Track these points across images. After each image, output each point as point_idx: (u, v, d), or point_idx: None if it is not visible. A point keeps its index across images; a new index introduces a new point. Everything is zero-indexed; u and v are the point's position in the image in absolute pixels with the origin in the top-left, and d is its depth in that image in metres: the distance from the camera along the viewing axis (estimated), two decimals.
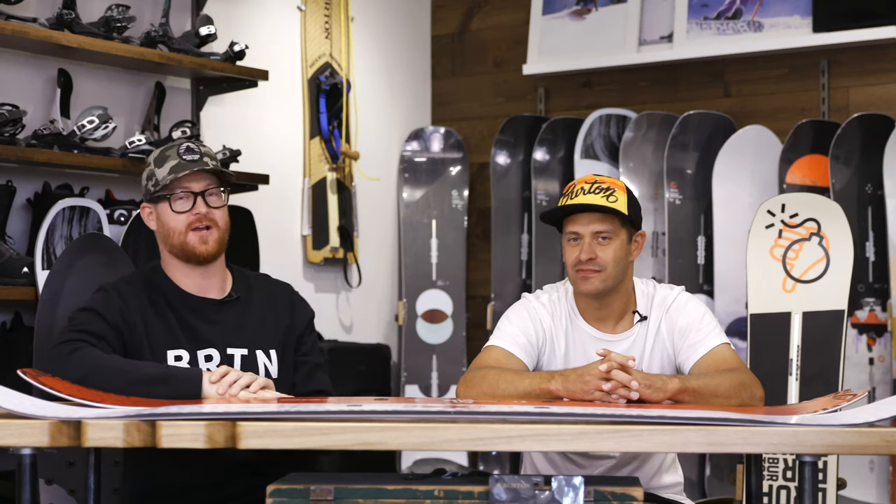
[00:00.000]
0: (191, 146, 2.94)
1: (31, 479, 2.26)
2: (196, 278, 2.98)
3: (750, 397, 2.80)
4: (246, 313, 3.00)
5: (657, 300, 3.02)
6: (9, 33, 3.65)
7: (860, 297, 4.59)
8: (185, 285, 2.98)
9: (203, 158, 2.94)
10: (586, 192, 2.93)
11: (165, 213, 2.95)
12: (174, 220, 2.93)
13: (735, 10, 4.94)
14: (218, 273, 3.01)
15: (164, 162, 2.93)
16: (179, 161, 2.92)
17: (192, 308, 2.95)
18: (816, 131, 4.72)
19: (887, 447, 2.23)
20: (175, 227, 2.93)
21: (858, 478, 4.49)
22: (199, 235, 2.93)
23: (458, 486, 2.24)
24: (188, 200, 2.93)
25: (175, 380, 2.71)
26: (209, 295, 2.99)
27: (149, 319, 2.91)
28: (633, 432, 2.23)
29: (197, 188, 2.93)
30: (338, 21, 5.13)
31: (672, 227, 4.90)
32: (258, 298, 3.04)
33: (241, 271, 3.10)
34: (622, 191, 2.95)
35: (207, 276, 2.99)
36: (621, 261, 2.94)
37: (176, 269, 2.98)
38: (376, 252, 5.33)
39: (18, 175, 3.81)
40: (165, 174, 2.92)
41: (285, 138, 4.91)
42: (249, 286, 3.06)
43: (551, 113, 5.37)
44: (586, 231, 2.93)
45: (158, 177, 2.93)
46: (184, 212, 2.92)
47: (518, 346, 2.96)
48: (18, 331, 3.73)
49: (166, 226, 2.95)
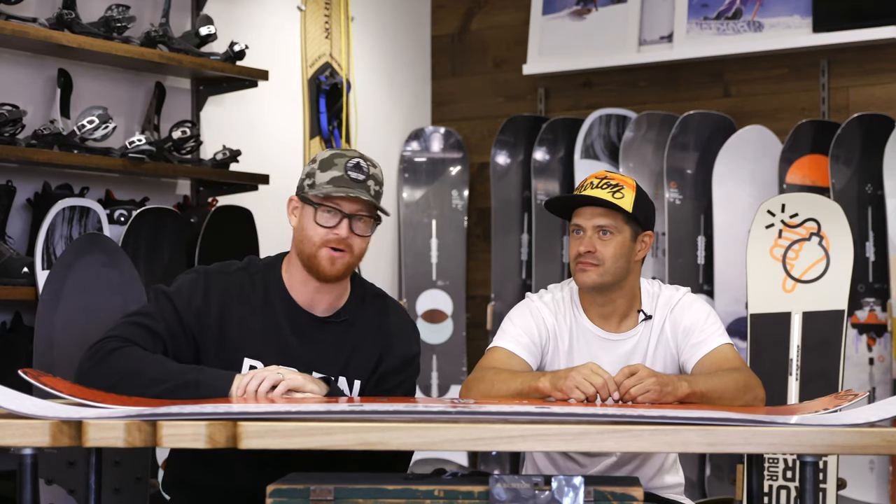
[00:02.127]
0: (360, 164, 2.81)
1: (32, 479, 2.26)
2: (310, 290, 2.86)
3: (753, 398, 2.82)
4: (345, 337, 2.88)
5: (662, 300, 3.02)
6: (9, 33, 3.65)
7: (860, 297, 4.59)
8: (296, 293, 2.86)
9: (367, 182, 2.80)
10: (594, 186, 2.95)
11: (308, 218, 2.81)
12: (314, 230, 2.80)
13: (735, 10, 4.95)
14: (334, 291, 2.88)
15: (330, 168, 2.80)
16: (344, 175, 2.79)
17: (292, 320, 2.85)
18: (816, 131, 4.72)
19: (887, 447, 2.23)
20: (311, 237, 2.80)
21: (858, 478, 4.50)
22: (330, 256, 2.80)
23: (458, 486, 2.24)
24: (335, 217, 2.79)
25: (206, 387, 2.65)
26: (316, 310, 2.87)
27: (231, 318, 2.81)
28: (634, 432, 2.23)
29: (348, 209, 2.79)
30: (338, 21, 5.13)
31: (672, 227, 4.90)
32: (364, 321, 2.92)
33: (361, 287, 2.97)
34: (631, 189, 2.95)
35: (322, 292, 2.87)
36: (621, 258, 2.94)
37: (295, 272, 2.86)
38: (376, 252, 5.33)
39: (18, 175, 3.81)
40: (325, 182, 2.79)
41: (285, 138, 4.91)
42: (363, 305, 2.93)
43: (551, 113, 5.37)
44: (588, 224, 2.94)
45: (317, 180, 2.80)
46: (326, 227, 2.80)
47: (521, 346, 2.96)
48: (18, 331, 3.73)
49: (304, 231, 2.82)
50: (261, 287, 2.86)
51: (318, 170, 2.81)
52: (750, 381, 2.85)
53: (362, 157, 2.84)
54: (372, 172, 2.82)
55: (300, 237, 2.84)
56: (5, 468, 3.25)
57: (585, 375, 2.67)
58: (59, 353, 3.19)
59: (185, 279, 2.86)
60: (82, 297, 3.25)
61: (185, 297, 2.81)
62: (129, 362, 2.69)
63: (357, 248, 2.83)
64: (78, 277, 3.27)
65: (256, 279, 2.87)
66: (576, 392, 2.66)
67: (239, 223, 4.32)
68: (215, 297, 2.82)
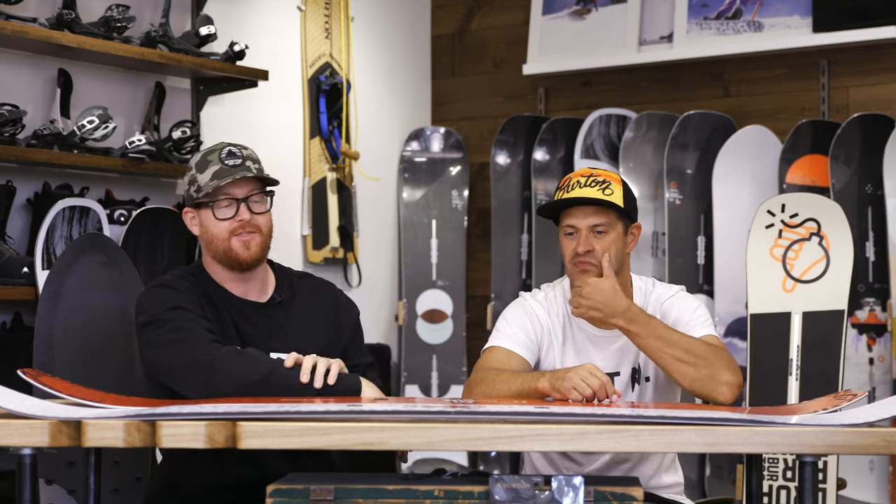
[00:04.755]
0: (232, 150, 2.91)
1: (31, 479, 2.26)
2: (238, 281, 2.96)
3: (710, 376, 2.78)
4: (288, 317, 2.98)
5: (654, 297, 3.03)
6: (9, 33, 3.65)
7: (860, 297, 4.59)
8: (229, 287, 2.96)
9: (245, 163, 2.91)
10: (582, 185, 2.94)
11: (208, 219, 2.91)
12: (217, 226, 2.90)
13: (735, 10, 4.95)
14: (259, 275, 2.98)
15: (206, 167, 2.90)
16: (222, 166, 2.88)
17: (236, 310, 2.93)
18: (816, 131, 4.72)
19: (887, 447, 2.23)
20: (218, 234, 2.90)
21: (858, 478, 4.49)
22: (241, 241, 2.90)
23: (458, 486, 2.24)
24: (231, 207, 2.90)
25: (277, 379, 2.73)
26: (251, 297, 2.97)
27: (210, 314, 2.89)
28: (633, 432, 2.23)
29: (240, 194, 2.90)
30: (338, 21, 5.13)
31: (672, 227, 4.90)
32: (301, 302, 3.02)
33: (284, 271, 3.07)
34: (618, 183, 2.96)
35: (249, 280, 2.96)
36: (618, 252, 2.95)
37: (217, 271, 2.96)
38: (376, 252, 5.33)
39: (18, 175, 3.81)
40: (208, 180, 2.88)
41: (285, 138, 4.91)
42: (292, 288, 3.03)
43: (551, 113, 5.37)
44: (583, 224, 2.94)
45: (201, 182, 2.89)
46: (227, 219, 2.89)
47: (517, 344, 2.97)
48: (18, 331, 3.73)
49: (209, 232, 2.92)
50: (200, 287, 2.94)
51: (197, 173, 2.92)
52: (717, 360, 2.80)
53: (231, 144, 2.94)
54: (246, 153, 2.93)
55: (208, 239, 2.93)
56: (5, 468, 3.25)
57: (583, 377, 2.68)
58: (59, 353, 3.19)
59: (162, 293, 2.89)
60: (82, 297, 3.25)
61: (191, 301, 2.87)
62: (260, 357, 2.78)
63: (264, 227, 2.94)
64: (78, 277, 3.27)
65: (196, 281, 2.95)
66: (573, 393, 2.67)
67: None
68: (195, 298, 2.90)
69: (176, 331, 2.79)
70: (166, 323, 2.81)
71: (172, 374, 2.78)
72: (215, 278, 2.96)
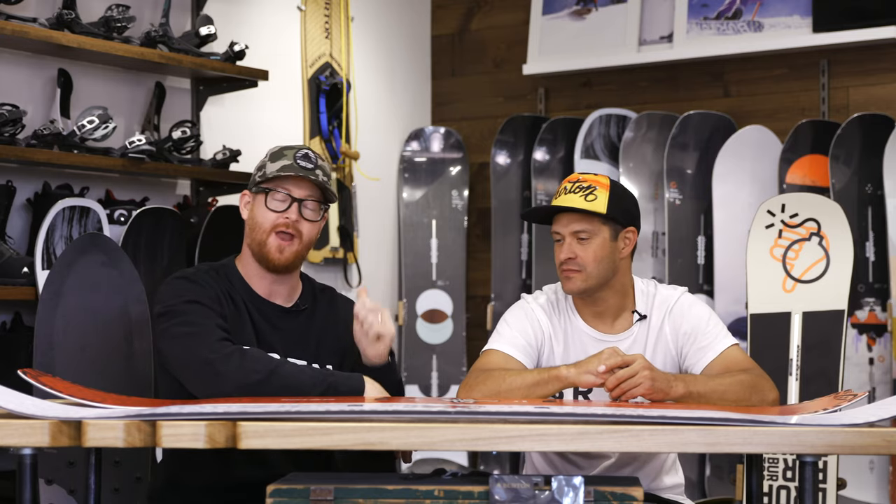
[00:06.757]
0: (309, 154, 2.93)
1: (32, 479, 2.26)
2: (267, 282, 2.97)
3: (760, 401, 2.79)
4: (310, 325, 3.00)
5: (658, 300, 3.01)
6: (9, 33, 3.65)
7: (860, 297, 4.59)
8: (255, 286, 2.97)
9: (315, 170, 2.93)
10: (567, 191, 2.95)
11: (259, 205, 2.93)
12: (264, 215, 2.92)
13: (735, 10, 4.95)
14: (289, 282, 3.00)
15: (279, 159, 2.92)
16: (293, 163, 2.91)
17: (259, 310, 2.94)
18: (816, 131, 4.72)
19: (887, 447, 2.23)
20: (262, 223, 2.92)
21: (858, 478, 4.49)
22: (278, 242, 2.91)
23: (458, 486, 2.24)
24: (285, 202, 2.91)
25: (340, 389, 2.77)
26: (276, 301, 2.98)
27: (227, 312, 2.90)
28: (634, 432, 2.23)
29: (298, 194, 2.92)
30: (338, 21, 5.13)
31: (672, 227, 4.90)
32: (322, 312, 3.04)
33: (310, 282, 3.09)
34: (604, 188, 2.94)
35: (278, 283, 2.98)
36: (604, 259, 2.94)
37: (250, 267, 2.97)
38: (376, 252, 5.33)
39: (18, 175, 3.81)
40: (275, 169, 2.91)
41: (285, 138, 4.90)
42: (315, 298, 3.06)
43: (551, 113, 5.37)
44: (566, 231, 2.95)
45: (267, 170, 2.92)
46: (276, 211, 2.91)
47: (517, 348, 2.96)
48: (18, 331, 3.73)
49: (255, 219, 2.94)
50: (225, 283, 2.94)
51: (268, 161, 2.95)
52: (758, 382, 2.83)
53: (310, 149, 2.96)
54: (320, 164, 2.95)
55: (251, 226, 2.95)
56: (5, 468, 3.25)
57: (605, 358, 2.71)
58: (59, 353, 3.19)
59: (182, 285, 2.90)
60: (82, 297, 3.25)
61: (208, 297, 2.88)
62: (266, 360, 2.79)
63: (307, 235, 2.94)
64: (78, 277, 3.27)
65: (220, 277, 2.95)
66: (601, 367, 2.69)
67: (239, 223, 4.30)
68: (215, 292, 2.90)
69: (188, 324, 2.81)
70: (180, 315, 2.82)
71: (177, 367, 2.81)
72: (244, 274, 2.97)
